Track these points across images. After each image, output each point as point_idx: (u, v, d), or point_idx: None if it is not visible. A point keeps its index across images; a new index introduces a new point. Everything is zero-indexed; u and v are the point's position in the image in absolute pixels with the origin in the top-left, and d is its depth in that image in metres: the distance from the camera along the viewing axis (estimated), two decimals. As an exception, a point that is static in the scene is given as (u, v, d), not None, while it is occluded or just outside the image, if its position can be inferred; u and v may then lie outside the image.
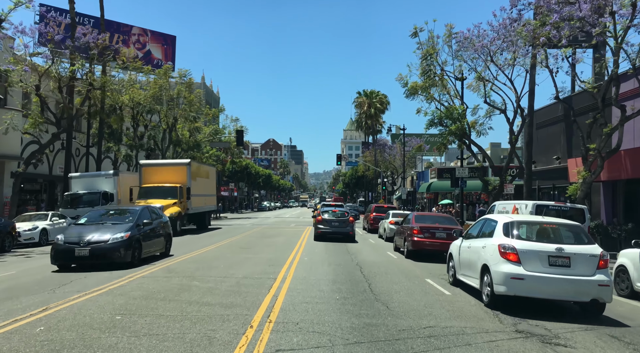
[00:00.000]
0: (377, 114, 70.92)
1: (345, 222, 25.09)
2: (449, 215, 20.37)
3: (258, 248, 19.52)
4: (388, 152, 70.26)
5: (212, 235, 27.54)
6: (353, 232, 25.30)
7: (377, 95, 71.75)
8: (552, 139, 31.83)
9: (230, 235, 27.38)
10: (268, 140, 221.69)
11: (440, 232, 17.61)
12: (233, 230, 31.81)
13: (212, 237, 25.75)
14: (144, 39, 63.40)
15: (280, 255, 17.34)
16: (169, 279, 11.55)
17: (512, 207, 19.04)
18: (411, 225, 18.25)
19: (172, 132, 39.65)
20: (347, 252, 19.42)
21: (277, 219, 54.31)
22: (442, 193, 60.07)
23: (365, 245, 23.08)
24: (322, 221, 25.00)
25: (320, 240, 24.36)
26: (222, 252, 17.80)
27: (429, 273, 14.19)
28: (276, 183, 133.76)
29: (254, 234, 28.21)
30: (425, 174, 67.79)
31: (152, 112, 38.68)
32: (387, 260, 16.88)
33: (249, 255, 16.85)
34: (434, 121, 31.35)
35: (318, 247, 20.89)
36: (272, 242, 22.65)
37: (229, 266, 14.03)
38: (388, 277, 12.90)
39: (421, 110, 31.85)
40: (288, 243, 22.40)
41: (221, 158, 57.99)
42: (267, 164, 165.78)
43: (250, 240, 23.45)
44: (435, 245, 17.47)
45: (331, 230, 24.85)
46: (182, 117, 39.45)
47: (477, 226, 12.35)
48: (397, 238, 20.52)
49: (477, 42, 27.24)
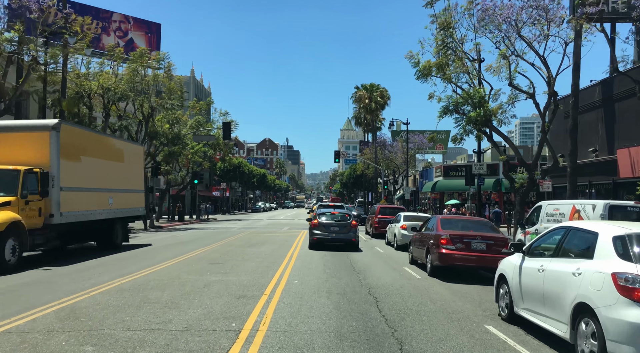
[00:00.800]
0: (377, 108, 66.32)
1: (346, 226, 20.46)
2: (482, 219, 15.67)
3: (233, 264, 14.79)
4: (389, 149, 65.70)
5: (175, 245, 22.75)
6: (357, 238, 20.67)
7: (377, 89, 67.16)
8: (587, 129, 27.26)
9: (205, 243, 22.64)
10: (264, 139, 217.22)
11: (478, 242, 12.96)
12: (212, 237, 27.08)
13: (181, 247, 21.04)
14: (126, 27, 58.79)
15: (259, 276, 12.65)
16: (49, 336, 6.77)
17: (571, 208, 14.44)
18: (437, 232, 13.61)
19: (148, 123, 34.92)
20: (352, 267, 14.79)
21: (270, 221, 49.63)
22: (449, 193, 55.64)
23: (374, 257, 18.43)
24: (318, 226, 20.36)
25: (317, 249, 19.75)
26: (180, 272, 12.99)
27: (479, 307, 9.54)
28: (271, 183, 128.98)
29: (235, 242, 23.48)
30: (429, 172, 63.31)
31: (126, 100, 33.95)
32: (410, 284, 12.22)
33: (215, 277, 12.12)
34: (449, 108, 26.92)
35: (314, 261, 16.24)
36: (255, 254, 17.97)
37: (175, 300, 9.25)
38: (424, 320, 8.17)
39: (434, 96, 27.33)
40: (275, 255, 17.72)
41: (209, 154, 53.21)
42: (263, 163, 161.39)
43: (227, 251, 18.74)
44: (471, 260, 12.86)
45: (330, 237, 20.23)
46: (161, 106, 34.69)
47: (550, 237, 7.84)
48: (414, 249, 15.88)
49: (502, 12, 22.76)
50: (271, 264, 14.84)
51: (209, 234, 28.73)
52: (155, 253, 17.73)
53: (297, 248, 20.54)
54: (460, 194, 54.18)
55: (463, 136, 28.57)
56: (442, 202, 55.71)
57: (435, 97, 27.25)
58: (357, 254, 18.83)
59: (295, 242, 23.34)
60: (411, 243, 16.63)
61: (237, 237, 26.12)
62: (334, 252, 19.05)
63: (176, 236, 27.43)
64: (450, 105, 26.64)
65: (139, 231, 32.47)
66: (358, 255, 18.34)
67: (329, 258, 17.05)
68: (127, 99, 33.77)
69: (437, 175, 58.35)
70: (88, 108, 33.17)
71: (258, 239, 24.84)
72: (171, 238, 25.42)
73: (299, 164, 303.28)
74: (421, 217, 23.09)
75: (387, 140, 69.17)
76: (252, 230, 32.83)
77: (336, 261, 16.20)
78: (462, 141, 28.79)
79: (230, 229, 34.70)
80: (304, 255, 17.66)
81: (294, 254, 17.97)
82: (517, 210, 25.13)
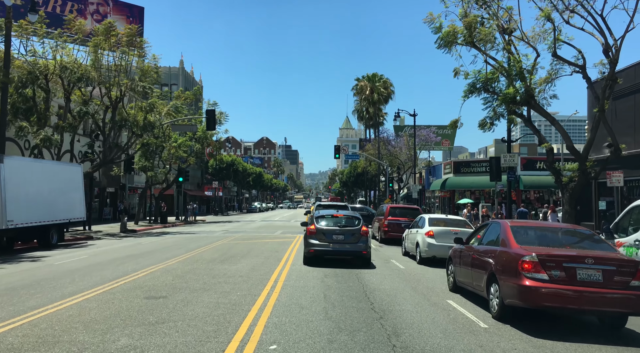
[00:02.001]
0: (380, 100, 61.00)
1: (354, 234, 15.16)
2: (576, 227, 9.96)
3: (179, 302, 9.31)
4: (393, 145, 60.52)
5: (123, 259, 17.15)
6: (368, 250, 15.37)
7: (380, 79, 61.87)
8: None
9: (167, 255, 17.30)
10: (261, 138, 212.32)
11: (589, 269, 7.62)
12: (184, 245, 21.77)
13: (127, 263, 15.70)
14: (105, 10, 53.78)
15: (212, 332, 7.20)
16: None
17: None
18: (510, 249, 8.29)
19: (116, 110, 29.57)
20: (369, 302, 9.52)
21: (263, 223, 44.28)
22: (460, 191, 50.43)
23: (395, 278, 13.08)
24: (316, 233, 15.06)
25: (315, 265, 14.49)
26: (67, 325, 7.61)
27: None
28: (268, 182, 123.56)
29: (208, 253, 18.12)
30: (438, 168, 58.08)
31: (88, 81, 28.66)
32: (477, 343, 6.95)
33: (125, 341, 6.72)
34: (476, 86, 21.79)
35: (309, 290, 10.94)
36: (225, 276, 12.62)
37: None
38: None
39: (460, 72, 22.18)
40: (253, 278, 12.32)
41: (195, 149, 47.86)
42: (260, 162, 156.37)
43: (188, 271, 13.37)
44: (578, 300, 7.47)
45: (332, 249, 14.95)
46: (131, 89, 29.34)
47: None
48: (460, 270, 10.57)
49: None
50: (240, 300, 9.47)
51: (183, 241, 23.41)
52: (75, 276, 12.39)
53: (288, 263, 15.23)
54: (473, 192, 49.09)
55: (494, 120, 23.42)
56: (453, 201, 50.50)
57: (461, 72, 22.12)
58: (370, 273, 13.54)
59: (286, 253, 18.04)
60: (451, 261, 11.36)
61: (214, 246, 20.77)
62: (337, 270, 13.78)
63: (140, 244, 22.15)
64: (478, 82, 21.51)
65: (104, 236, 27.22)
66: (372, 276, 13.03)
67: (331, 283, 11.75)
68: (90, 81, 28.49)
69: (446, 172, 53.14)
70: (44, 91, 27.90)
71: (240, 249, 19.50)
72: (130, 248, 20.12)
73: (298, 164, 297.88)
74: (453, 220, 17.86)
75: (390, 136, 64.02)
76: (239, 235, 27.50)
77: (342, 289, 10.90)
78: (492, 127, 23.52)
79: (213, 234, 29.40)
80: (296, 278, 12.34)
81: (282, 276, 12.64)
82: (565, 211, 19.90)
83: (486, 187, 47.60)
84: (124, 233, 30.34)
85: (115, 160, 32.73)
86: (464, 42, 20.69)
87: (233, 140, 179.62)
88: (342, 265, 14.87)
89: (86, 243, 23.26)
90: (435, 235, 16.55)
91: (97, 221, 43.22)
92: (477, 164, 50.49)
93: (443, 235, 16.53)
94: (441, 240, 16.41)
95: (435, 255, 16.43)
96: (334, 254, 15.12)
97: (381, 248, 21.55)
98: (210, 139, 49.32)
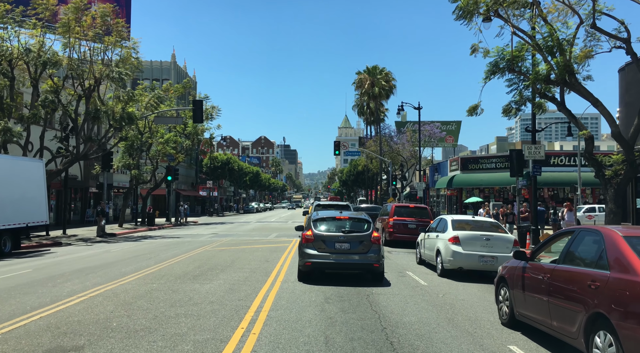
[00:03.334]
0: (381, 93, 57.69)
1: (363, 242, 11.84)
2: None
3: (106, 352, 6.15)
4: (396, 141, 57.29)
5: (65, 276, 13.25)
6: (380, 262, 12.05)
7: (382, 71, 58.52)
8: None
9: (128, 269, 13.94)
10: (259, 137, 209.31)
11: None
12: (156, 254, 18.43)
13: (69, 281, 12.36)
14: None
15: None
16: None
17: None
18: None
19: (89, 100, 26.23)
20: (392, 349, 6.30)
21: (258, 225, 40.95)
22: (468, 189, 47.23)
23: (420, 302, 9.71)
24: (314, 241, 11.75)
25: (312, 283, 11.22)
26: None
27: None
28: (266, 182, 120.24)
29: (180, 266, 14.75)
30: (443, 165, 54.85)
31: (57, 67, 25.37)
32: None
33: None
34: (499, 65, 18.68)
35: (303, 323, 7.65)
36: (194, 299, 9.28)
37: None
38: None
39: (478, 49, 19.06)
40: (227, 306, 8.87)
41: (185, 146, 44.51)
42: (258, 161, 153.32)
43: (146, 292, 10.03)
44: None
45: (334, 261, 11.65)
46: (107, 76, 26.00)
47: None
48: (527, 299, 7.11)
49: None
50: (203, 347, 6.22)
51: (159, 248, 20.09)
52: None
53: (279, 279, 11.94)
54: (482, 190, 45.84)
55: (520, 105, 20.22)
56: (461, 200, 47.27)
57: (480, 50, 18.95)
58: (385, 295, 10.25)
59: (278, 264, 14.74)
60: (505, 283, 8.07)
61: (193, 254, 17.44)
62: (342, 289, 10.51)
63: (109, 252, 18.84)
64: (502, 61, 18.35)
65: (76, 242, 23.96)
66: (390, 300, 9.73)
67: (334, 312, 8.45)
68: (58, 66, 25.20)
69: (452, 169, 49.93)
70: (8, 78, 24.62)
71: (222, 258, 16.15)
72: (91, 258, 16.80)
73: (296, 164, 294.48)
74: (482, 223, 14.55)
75: (392, 132, 60.77)
76: (226, 240, 24.19)
77: (351, 325, 7.58)
78: (517, 112, 20.35)
79: (199, 237, 26.10)
80: (287, 305, 9.03)
81: (268, 300, 9.32)
82: (610, 210, 16.65)
83: (496, 184, 44.37)
84: (101, 238, 27.09)
85: (91, 156, 29.39)
86: (490, 9, 17.46)
87: (231, 139, 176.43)
88: (347, 280, 11.61)
89: (48, 250, 20.00)
90: (461, 242, 13.29)
91: (78, 224, 39.99)
92: (487, 160, 47.28)
93: (471, 241, 13.31)
94: (469, 248, 13.20)
95: (461, 267, 13.22)
96: (337, 268, 11.84)
97: (390, 255, 18.28)
98: (201, 134, 45.92)
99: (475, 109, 20.29)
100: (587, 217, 34.55)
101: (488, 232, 13.72)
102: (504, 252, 13.12)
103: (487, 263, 13.05)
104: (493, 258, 13.02)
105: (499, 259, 12.86)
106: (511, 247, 13.27)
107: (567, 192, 43.81)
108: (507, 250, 13.19)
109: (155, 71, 71.66)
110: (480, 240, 13.31)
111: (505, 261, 13.07)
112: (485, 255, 13.06)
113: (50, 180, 27.44)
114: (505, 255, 12.90)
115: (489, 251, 13.15)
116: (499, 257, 12.96)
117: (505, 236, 13.67)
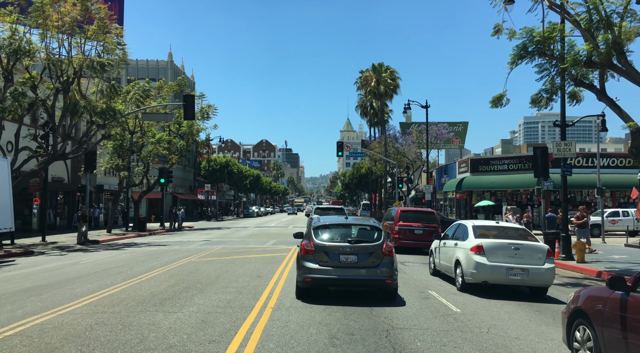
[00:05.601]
0: (387, 92, 55.23)
1: (373, 253, 9.41)
2: None
3: None
4: (401, 142, 54.88)
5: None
6: (394, 278, 9.56)
7: (387, 69, 56.07)
8: None
9: (82, 290, 11.39)
10: (261, 141, 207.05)
11: None
12: (131, 268, 15.88)
13: None
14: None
15: None
16: None
17: None
18: None
19: (68, 93, 23.83)
20: None
21: (256, 230, 38.46)
22: (478, 192, 44.79)
23: (457, 338, 7.16)
24: (315, 252, 9.34)
25: (313, 301, 8.80)
26: None
27: None
28: (267, 185, 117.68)
29: (157, 280, 12.21)
30: (452, 167, 52.40)
31: (31, 56, 23.03)
32: None
33: None
34: (528, 48, 16.48)
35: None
36: (148, 342, 6.81)
37: None
38: None
39: (502, 29, 16.87)
40: (197, 351, 6.56)
41: (179, 146, 42.09)
42: (259, 165, 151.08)
43: (86, 328, 7.48)
44: None
45: (338, 277, 9.24)
46: (87, 67, 23.62)
47: None
48: (630, 347, 4.80)
49: None
50: None
51: (138, 259, 17.58)
52: None
53: (272, 301, 9.43)
54: (494, 193, 43.38)
55: (552, 95, 17.85)
56: (470, 203, 44.79)
57: (504, 31, 16.71)
58: (410, 329, 7.68)
59: (272, 280, 12.24)
60: (587, 319, 5.60)
61: (173, 267, 14.92)
62: (351, 319, 8.04)
63: (78, 264, 16.35)
64: (531, 44, 16.03)
65: (52, 250, 21.56)
66: (418, 339, 7.17)
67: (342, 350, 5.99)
68: (31, 54, 22.85)
69: (462, 171, 47.50)
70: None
71: (207, 272, 13.65)
72: (51, 272, 14.31)
73: (298, 167, 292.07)
74: (508, 230, 11.99)
75: (397, 133, 58.39)
76: (218, 248, 21.70)
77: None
78: (548, 103, 17.92)
79: (188, 245, 23.64)
80: (276, 349, 6.55)
81: (249, 344, 6.78)
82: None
83: (509, 186, 41.85)
84: (80, 246, 24.66)
85: (70, 155, 26.98)
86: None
87: (232, 142, 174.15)
88: (357, 300, 9.15)
89: (12, 262, 17.53)
90: (486, 251, 10.91)
91: (64, 230, 37.57)
92: (498, 161, 44.82)
93: (497, 251, 10.97)
94: (495, 259, 10.88)
95: (486, 281, 10.88)
96: (341, 285, 9.45)
97: (404, 267, 15.77)
98: (197, 134, 43.50)
99: (501, 99, 17.86)
100: (610, 222, 31.96)
101: (516, 240, 11.33)
102: (536, 264, 10.88)
103: (516, 277, 10.75)
104: (524, 271, 10.73)
105: (531, 272, 10.68)
106: (544, 258, 10.99)
107: (584, 195, 41.34)
108: (540, 261, 10.94)
109: (151, 70, 69.48)
110: (507, 250, 10.98)
111: (537, 274, 10.73)
112: (515, 268, 10.74)
113: (25, 181, 25.06)
114: (538, 267, 10.77)
115: (518, 262, 10.85)
116: (530, 270, 10.72)
117: (536, 245, 11.26)
